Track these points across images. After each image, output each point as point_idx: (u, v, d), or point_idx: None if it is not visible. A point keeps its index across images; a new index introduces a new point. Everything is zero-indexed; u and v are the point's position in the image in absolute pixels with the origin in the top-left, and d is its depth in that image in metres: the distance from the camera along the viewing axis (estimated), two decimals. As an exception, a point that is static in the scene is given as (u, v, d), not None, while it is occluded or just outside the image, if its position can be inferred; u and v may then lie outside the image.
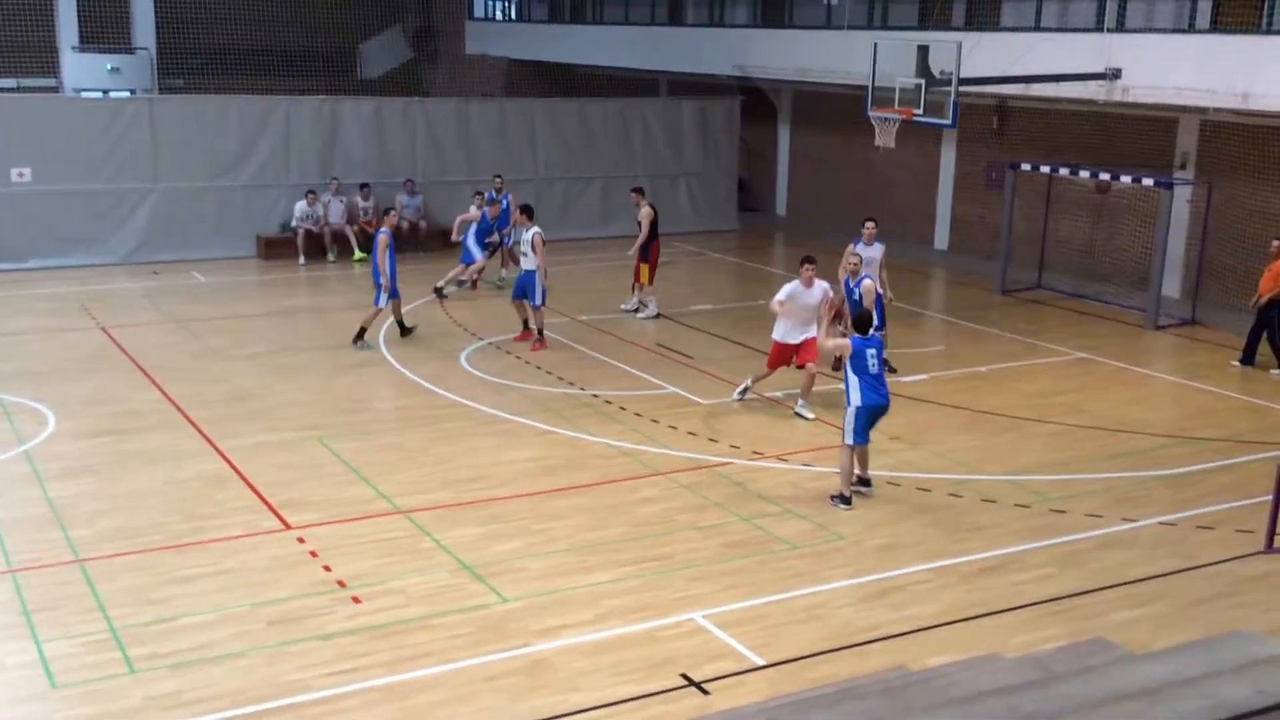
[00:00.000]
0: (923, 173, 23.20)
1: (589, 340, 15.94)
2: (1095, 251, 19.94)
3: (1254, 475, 11.33)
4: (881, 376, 10.55)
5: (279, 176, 21.35)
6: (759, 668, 7.83)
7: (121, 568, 9.07)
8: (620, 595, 8.79)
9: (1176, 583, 9.21)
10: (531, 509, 10.36)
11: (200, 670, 7.68)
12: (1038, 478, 11.34)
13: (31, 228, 19.71)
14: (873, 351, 10.45)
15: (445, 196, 22.17)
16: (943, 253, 22.91)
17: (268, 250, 21.06)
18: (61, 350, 15.12)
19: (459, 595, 8.75)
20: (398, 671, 7.71)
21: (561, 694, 7.49)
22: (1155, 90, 16.23)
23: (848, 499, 10.49)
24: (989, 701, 5.72)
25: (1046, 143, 20.30)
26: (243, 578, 8.95)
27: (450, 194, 22.18)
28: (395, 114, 22.27)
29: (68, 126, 20.02)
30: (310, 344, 15.75)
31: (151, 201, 20.47)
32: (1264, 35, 15.57)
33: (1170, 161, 18.63)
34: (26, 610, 8.40)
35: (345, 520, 10.04)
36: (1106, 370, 15.11)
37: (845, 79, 20.43)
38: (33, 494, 10.48)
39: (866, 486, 10.83)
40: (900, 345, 16.02)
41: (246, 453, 11.53)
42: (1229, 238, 17.86)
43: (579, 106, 24.24)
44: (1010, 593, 8.97)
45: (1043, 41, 17.23)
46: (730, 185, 25.22)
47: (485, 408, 13.00)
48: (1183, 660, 6.25)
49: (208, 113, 21.00)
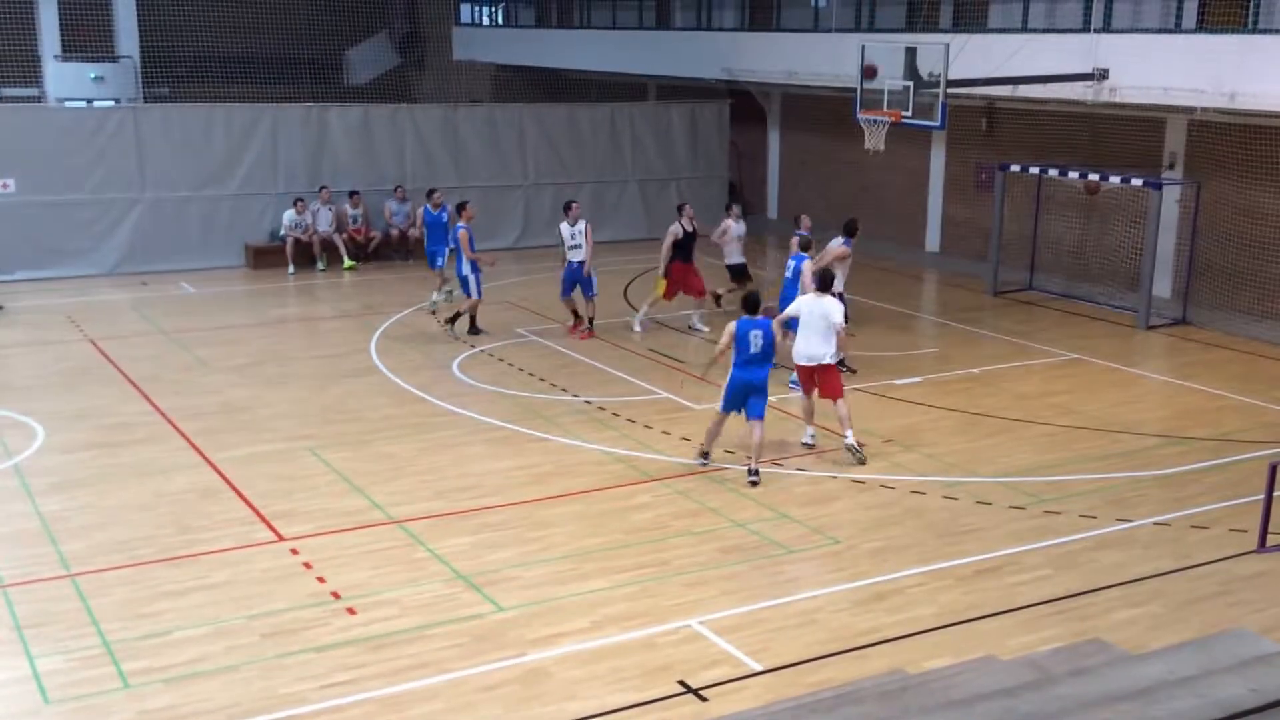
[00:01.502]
0: (913, 174, 23.23)
1: (581, 347, 15.91)
2: (1086, 252, 19.98)
3: (1246, 474, 11.35)
4: (762, 356, 11.02)
5: (267, 185, 21.25)
6: (757, 673, 7.80)
7: (114, 582, 9.01)
8: (616, 602, 8.76)
9: (1171, 582, 9.22)
10: (525, 517, 10.32)
11: (194, 684, 7.62)
12: (1032, 479, 11.34)
13: (16, 239, 19.53)
14: (757, 333, 10.96)
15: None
16: (933, 254, 22.94)
17: (257, 259, 20.96)
18: (49, 363, 15.03)
19: (454, 605, 8.71)
20: (394, 683, 7.66)
21: (558, 703, 7.45)
22: (1143, 90, 16.26)
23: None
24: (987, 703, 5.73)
25: (1035, 144, 20.34)
26: (236, 590, 8.90)
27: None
28: (383, 121, 22.18)
29: (51, 136, 19.84)
30: (301, 354, 15.69)
31: (138, 211, 20.36)
32: (1251, 34, 15.61)
33: (1159, 161, 18.68)
34: (18, 626, 8.33)
35: (339, 531, 9.99)
36: (1098, 371, 15.13)
37: (834, 81, 20.46)
38: (23, 508, 10.40)
39: (704, 459, 11.47)
40: (892, 348, 16.05)
41: (238, 464, 11.46)
42: (1219, 237, 17.90)
43: (568, 112, 24.21)
44: (1006, 594, 8.97)
45: (1030, 42, 17.27)
46: (721, 189, 25.21)
47: (477, 415, 12.96)
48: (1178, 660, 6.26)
49: (194, 121, 20.85)
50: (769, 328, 11.10)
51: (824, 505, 10.63)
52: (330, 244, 21.03)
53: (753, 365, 11.04)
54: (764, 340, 11.02)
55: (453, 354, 15.43)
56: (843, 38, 20.58)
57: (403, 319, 17.18)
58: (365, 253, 21.29)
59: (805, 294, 12.39)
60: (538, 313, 17.74)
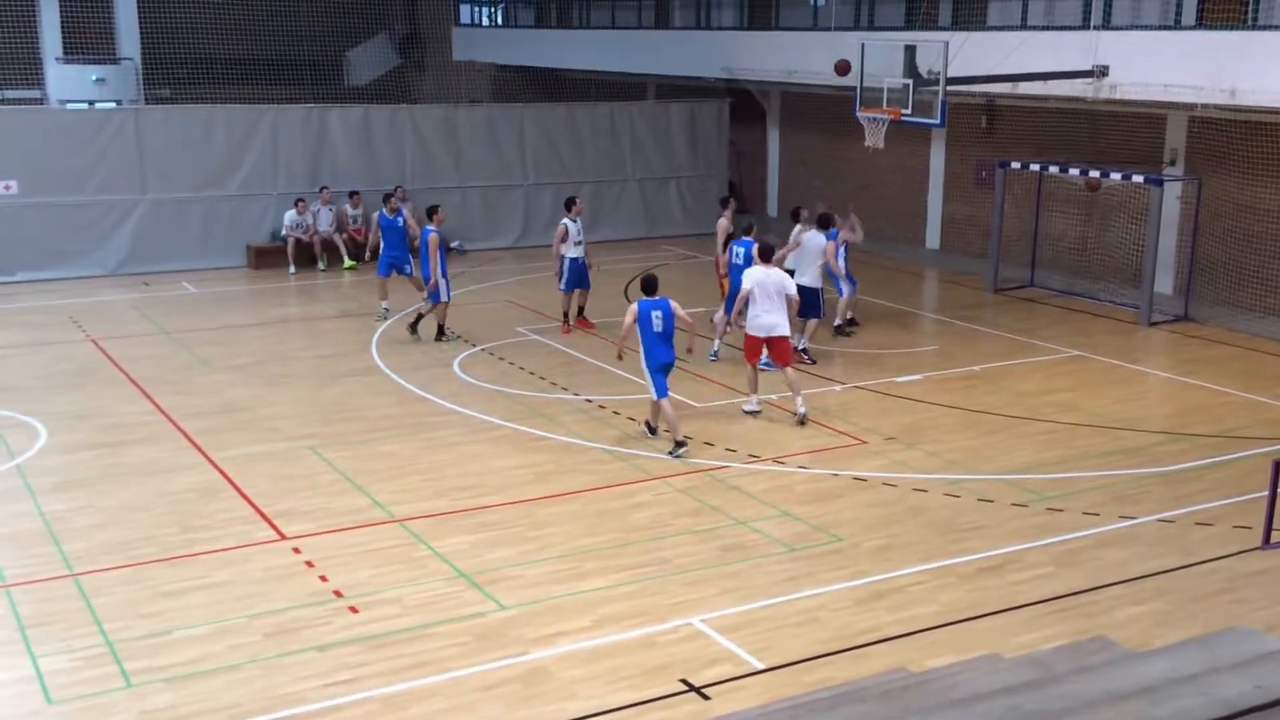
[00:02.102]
0: (912, 172, 23.22)
1: (581, 345, 15.90)
2: (1087, 249, 19.97)
3: (1250, 471, 11.33)
4: (665, 335, 11.57)
5: (267, 186, 21.29)
6: (758, 671, 7.79)
7: (116, 581, 9.01)
8: (617, 601, 8.75)
9: (1176, 579, 9.20)
10: (526, 515, 10.32)
11: (196, 684, 7.62)
12: (1034, 476, 11.32)
13: (18, 241, 19.59)
14: (658, 313, 11.51)
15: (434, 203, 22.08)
16: (934, 252, 22.93)
17: (258, 260, 21.00)
18: (51, 363, 15.03)
19: (455, 604, 8.70)
20: (395, 681, 7.66)
21: (559, 702, 7.45)
22: (1143, 87, 16.24)
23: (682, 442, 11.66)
24: (990, 702, 5.69)
25: (1036, 141, 20.33)
26: (238, 589, 8.90)
27: (439, 200, 22.05)
28: (383, 122, 22.20)
29: (53, 138, 19.90)
30: (302, 353, 15.69)
31: (139, 212, 20.38)
32: (1250, 30, 15.59)
33: (1160, 158, 18.67)
34: (21, 625, 8.34)
35: (340, 530, 9.98)
36: (1100, 368, 15.12)
37: (833, 80, 20.43)
38: (25, 508, 10.41)
39: (651, 433, 12.05)
40: (893, 345, 16.05)
41: (239, 463, 11.47)
42: (1220, 233, 17.90)
43: (567, 111, 24.21)
44: (1009, 592, 8.95)
45: (1030, 40, 17.25)
46: (720, 188, 25.20)
47: (478, 414, 12.95)
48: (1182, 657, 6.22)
49: (195, 122, 20.89)
50: (668, 307, 11.60)
51: (825, 503, 10.62)
52: (331, 244, 21.05)
53: (662, 344, 11.63)
54: (665, 320, 11.56)
55: (453, 353, 15.43)
56: (842, 36, 20.55)
57: (403, 318, 17.18)
58: (365, 253, 21.26)
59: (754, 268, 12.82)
60: (538, 311, 17.74)
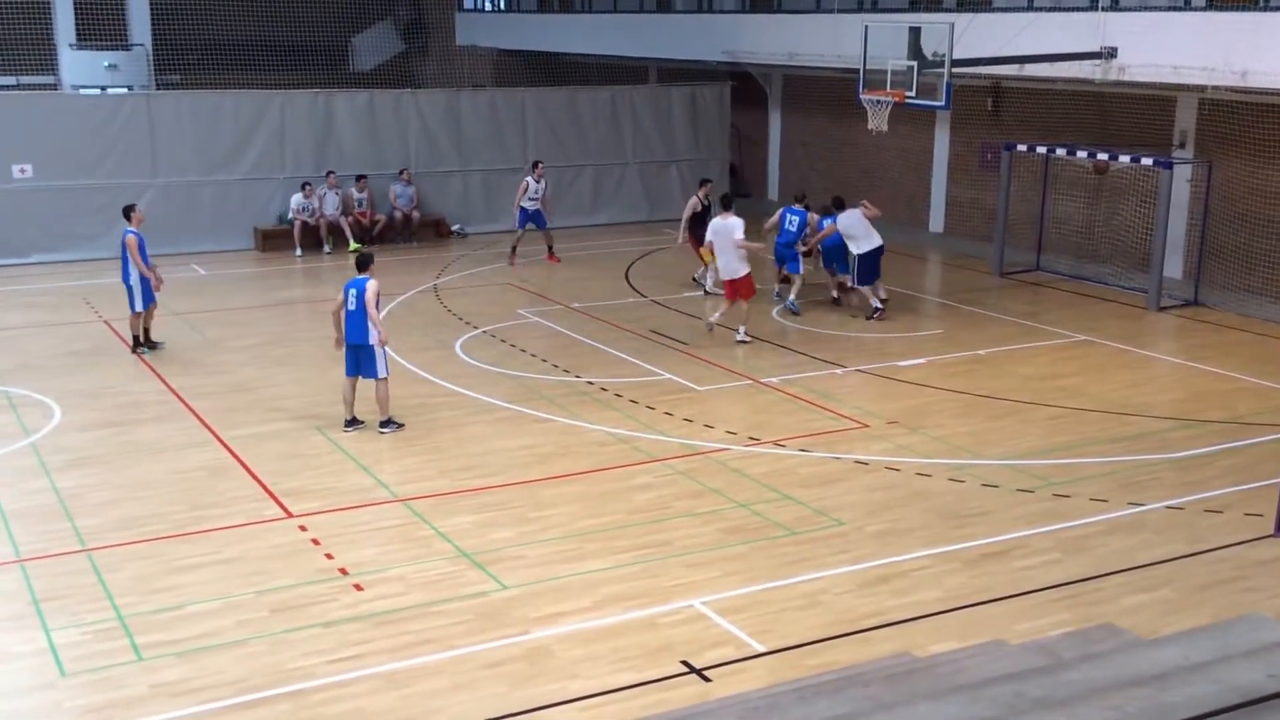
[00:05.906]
0: (916, 155, 23.14)
1: (582, 327, 15.91)
2: (1094, 232, 19.88)
3: (1261, 457, 11.23)
4: (358, 316, 11.51)
5: (275, 170, 21.43)
6: (760, 654, 7.80)
7: (128, 556, 9.09)
8: (618, 582, 8.78)
9: (1184, 567, 9.09)
10: (528, 496, 10.35)
11: (206, 658, 7.69)
12: (1040, 462, 11.28)
13: (33, 223, 19.91)
14: (353, 291, 11.54)
15: (438, 187, 22.54)
16: (938, 235, 22.86)
17: (266, 242, 21.13)
18: (65, 343, 15.13)
19: (458, 583, 8.74)
20: (399, 659, 7.71)
21: (561, 681, 7.48)
22: (1152, 69, 16.11)
23: (398, 424, 11.87)
24: (996, 688, 5.64)
25: (1042, 123, 20.21)
26: (246, 566, 8.96)
27: (442, 184, 22.60)
28: (388, 106, 22.28)
29: (67, 123, 20.17)
30: (308, 334, 15.71)
31: (150, 196, 20.43)
32: (1262, 12, 15.47)
33: (1169, 140, 18.55)
34: (35, 599, 8.43)
35: (345, 508, 10.03)
36: (1107, 352, 15.05)
37: (836, 62, 20.36)
38: (40, 484, 10.52)
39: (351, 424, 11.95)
40: (897, 329, 16.02)
41: (248, 442, 11.54)
42: (1231, 217, 17.74)
43: (569, 95, 24.18)
44: (1015, 578, 8.88)
45: (1036, 21, 17.12)
46: (722, 171, 25.15)
47: (480, 396, 12.98)
48: (1192, 645, 6.14)
49: (204, 108, 21.06)
50: (363, 286, 11.52)
51: (827, 487, 10.61)
52: (336, 227, 21.11)
53: (354, 321, 11.57)
54: (358, 299, 11.50)
55: (456, 335, 15.46)
56: (845, 18, 20.49)
57: (406, 300, 17.20)
58: (370, 236, 21.35)
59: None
60: (539, 294, 17.76)
